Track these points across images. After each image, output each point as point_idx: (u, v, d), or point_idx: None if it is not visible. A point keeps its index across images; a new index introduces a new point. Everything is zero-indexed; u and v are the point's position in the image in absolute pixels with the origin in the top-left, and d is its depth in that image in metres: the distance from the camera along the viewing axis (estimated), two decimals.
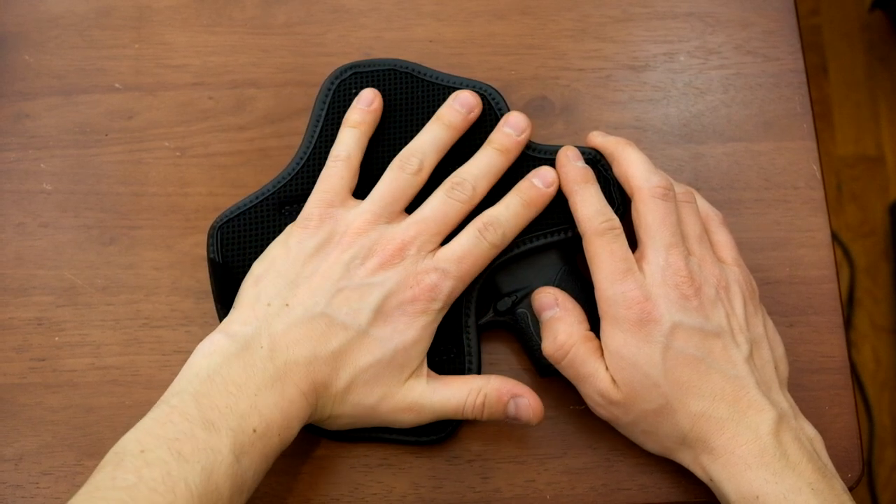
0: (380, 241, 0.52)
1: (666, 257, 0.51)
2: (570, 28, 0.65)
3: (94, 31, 0.65)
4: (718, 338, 0.50)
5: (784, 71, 0.63)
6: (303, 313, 0.50)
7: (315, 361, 0.49)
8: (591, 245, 0.53)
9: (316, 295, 0.51)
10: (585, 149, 0.56)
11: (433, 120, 0.56)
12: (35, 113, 0.63)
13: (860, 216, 1.47)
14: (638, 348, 0.50)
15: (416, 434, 0.54)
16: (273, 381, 0.48)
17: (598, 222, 0.52)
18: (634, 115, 0.63)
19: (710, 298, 0.51)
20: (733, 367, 0.50)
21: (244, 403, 0.47)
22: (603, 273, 0.52)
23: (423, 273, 0.51)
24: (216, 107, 0.63)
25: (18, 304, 0.59)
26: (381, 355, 0.50)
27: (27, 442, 0.56)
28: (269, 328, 0.50)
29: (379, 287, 0.51)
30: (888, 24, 1.55)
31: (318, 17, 0.65)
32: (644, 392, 0.50)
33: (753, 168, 0.61)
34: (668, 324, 0.50)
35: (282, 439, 0.48)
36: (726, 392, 0.49)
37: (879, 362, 1.40)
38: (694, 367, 0.50)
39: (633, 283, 0.51)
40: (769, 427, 0.48)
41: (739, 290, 0.53)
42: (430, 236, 0.52)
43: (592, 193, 0.54)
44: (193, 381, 0.47)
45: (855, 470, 0.55)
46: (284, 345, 0.49)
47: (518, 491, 0.55)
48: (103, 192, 0.61)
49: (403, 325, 0.51)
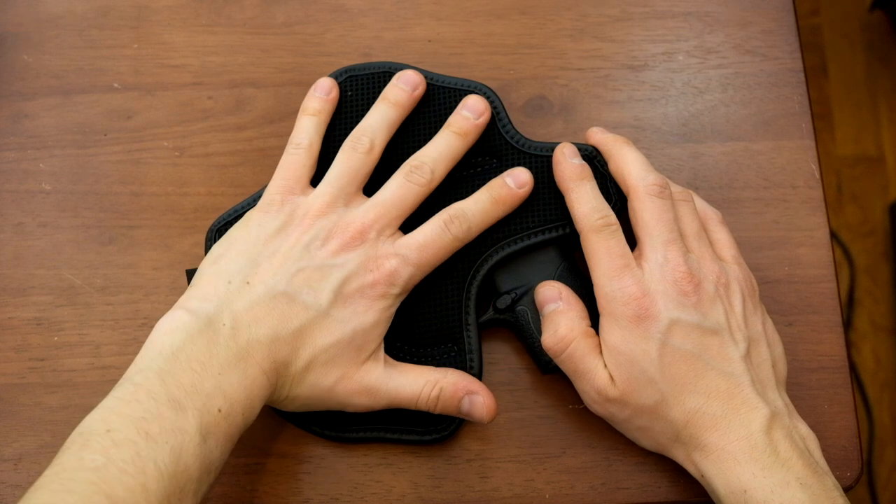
0: (339, 223, 0.52)
1: (664, 254, 0.51)
2: (568, 28, 0.65)
3: (93, 31, 0.65)
4: (716, 335, 0.50)
5: (783, 70, 0.63)
6: (264, 292, 0.50)
7: (277, 341, 0.49)
8: (588, 242, 0.53)
9: (277, 274, 0.51)
10: (582, 145, 0.57)
11: (379, 100, 0.57)
12: (34, 113, 0.63)
13: (860, 216, 1.47)
14: (635, 344, 0.50)
15: (419, 433, 0.54)
16: (236, 360, 0.48)
17: (595, 219, 0.53)
18: (633, 115, 0.63)
19: (708, 295, 0.51)
20: (729, 364, 0.50)
21: (208, 383, 0.46)
22: (601, 269, 0.52)
23: (384, 258, 0.52)
24: (215, 107, 0.63)
25: (17, 303, 0.59)
26: (340, 336, 0.50)
27: (26, 442, 0.56)
28: (230, 306, 0.49)
29: (339, 269, 0.51)
30: (888, 24, 1.55)
31: (317, 16, 0.65)
32: (640, 388, 0.50)
33: (752, 167, 0.61)
34: (665, 320, 0.50)
35: (245, 419, 0.48)
36: (721, 389, 0.49)
37: (879, 362, 1.40)
38: (690, 364, 0.50)
39: (630, 280, 0.51)
40: (761, 424, 0.48)
41: (739, 287, 0.53)
42: (389, 220, 0.53)
43: (588, 190, 0.54)
44: (157, 358, 0.47)
45: (854, 469, 0.55)
46: (246, 323, 0.49)
47: (517, 490, 0.55)
48: (102, 191, 0.61)
49: (363, 307, 0.51)
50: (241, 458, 0.55)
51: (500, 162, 0.57)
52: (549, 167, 0.56)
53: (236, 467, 0.55)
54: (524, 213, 0.56)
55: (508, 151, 0.57)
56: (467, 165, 0.57)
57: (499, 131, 0.57)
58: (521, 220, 0.55)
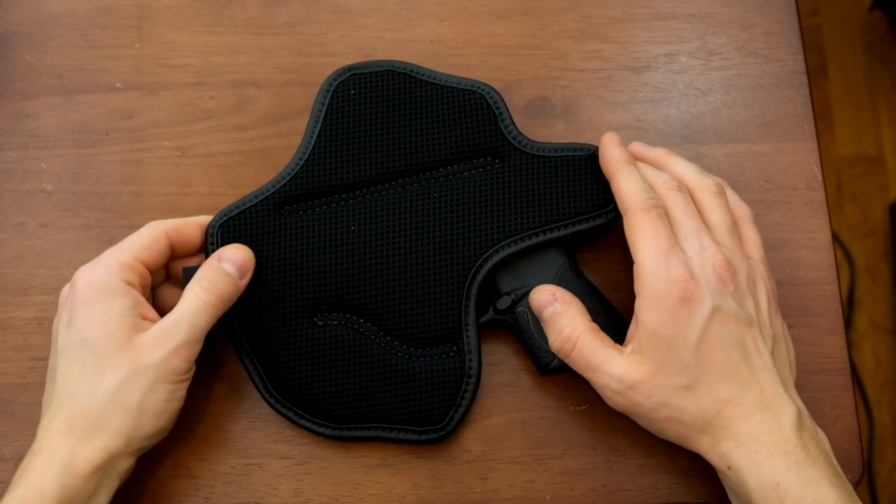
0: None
1: (700, 241, 0.51)
2: (571, 29, 0.65)
3: (95, 31, 0.65)
4: (750, 327, 0.50)
5: (785, 72, 0.63)
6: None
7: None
8: (635, 220, 0.52)
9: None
10: (584, 145, 0.56)
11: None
12: (36, 112, 0.63)
13: (860, 216, 1.47)
14: (675, 328, 0.49)
15: (416, 433, 0.55)
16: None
17: (644, 198, 0.52)
18: (635, 116, 0.62)
19: (742, 287, 0.51)
20: (761, 358, 0.50)
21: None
22: (647, 248, 0.51)
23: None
24: (217, 107, 0.63)
25: (18, 303, 0.59)
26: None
27: (27, 442, 0.56)
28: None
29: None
30: (888, 24, 1.55)
31: (319, 17, 0.65)
32: (673, 371, 0.50)
33: (754, 169, 0.61)
34: (709, 305, 0.49)
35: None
36: (755, 381, 0.49)
37: (879, 362, 1.40)
38: (728, 353, 0.49)
39: (678, 261, 0.50)
40: (792, 420, 0.48)
41: (765, 287, 0.53)
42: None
43: (636, 173, 0.54)
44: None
45: (855, 472, 0.55)
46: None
47: (518, 492, 0.55)
48: (104, 191, 0.61)
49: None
50: (242, 460, 0.56)
51: (502, 162, 0.57)
52: (550, 168, 0.56)
53: (237, 469, 0.55)
54: (525, 213, 0.55)
55: (510, 152, 0.57)
56: (469, 166, 0.57)
57: (501, 131, 0.57)
58: (521, 221, 0.55)
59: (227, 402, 0.57)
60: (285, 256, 0.56)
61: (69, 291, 0.52)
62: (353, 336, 0.55)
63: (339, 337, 0.55)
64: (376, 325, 0.55)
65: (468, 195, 0.56)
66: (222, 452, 0.56)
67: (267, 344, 0.55)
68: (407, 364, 0.54)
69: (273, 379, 0.55)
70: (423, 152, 0.57)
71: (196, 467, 0.55)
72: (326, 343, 0.55)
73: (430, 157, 0.57)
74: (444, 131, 0.57)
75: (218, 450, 0.56)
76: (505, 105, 0.58)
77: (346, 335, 0.55)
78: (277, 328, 0.55)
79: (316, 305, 0.55)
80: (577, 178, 0.56)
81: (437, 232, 0.56)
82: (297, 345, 0.55)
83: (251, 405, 0.56)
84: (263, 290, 0.55)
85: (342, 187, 0.57)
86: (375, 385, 0.55)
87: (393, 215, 0.56)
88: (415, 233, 0.56)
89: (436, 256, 0.55)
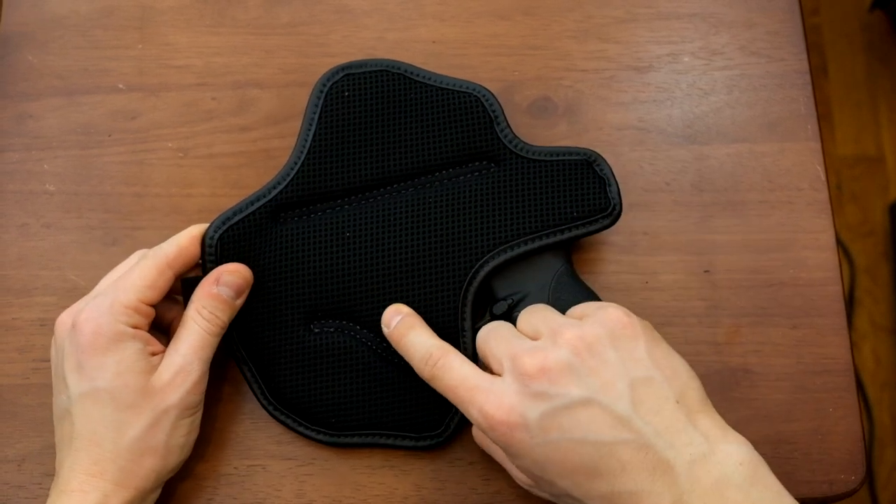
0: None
1: (511, 359, 0.48)
2: (573, 29, 0.65)
3: (98, 32, 0.65)
4: (587, 406, 0.45)
5: (788, 72, 0.63)
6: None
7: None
8: (434, 382, 0.51)
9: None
10: (581, 149, 0.56)
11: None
12: (38, 113, 0.63)
13: (860, 216, 1.47)
14: (524, 459, 0.47)
15: (413, 439, 0.55)
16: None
17: (428, 363, 0.51)
18: (638, 116, 0.62)
19: (560, 370, 0.46)
20: (619, 431, 0.45)
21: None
22: (454, 396, 0.50)
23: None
24: (219, 107, 0.63)
25: (21, 304, 0.59)
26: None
27: (30, 443, 0.56)
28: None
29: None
30: (888, 24, 1.55)
31: (321, 17, 0.65)
32: (549, 488, 0.48)
33: (757, 169, 0.61)
34: (533, 422, 0.46)
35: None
36: (625, 462, 0.44)
37: (879, 362, 1.40)
38: (578, 451, 0.45)
39: (483, 398, 0.48)
40: (685, 482, 0.43)
41: (603, 338, 0.47)
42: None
43: (418, 335, 0.53)
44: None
45: (858, 473, 0.55)
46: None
47: (519, 493, 0.55)
48: (106, 192, 0.61)
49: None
50: (245, 461, 0.55)
51: (497, 166, 0.57)
52: (547, 172, 0.56)
53: (240, 470, 0.55)
54: (521, 218, 0.55)
55: (506, 156, 0.57)
56: (465, 170, 0.57)
57: (496, 135, 0.57)
58: (518, 226, 0.55)
59: (231, 403, 0.57)
60: (281, 264, 0.55)
61: (72, 335, 0.51)
62: (349, 343, 0.55)
63: (336, 344, 0.55)
64: (372, 331, 0.55)
65: (464, 200, 0.56)
66: (225, 454, 0.56)
67: (264, 351, 0.55)
68: (403, 371, 0.54)
69: (270, 386, 0.55)
70: (418, 156, 0.57)
71: (199, 468, 0.55)
72: (323, 350, 0.55)
73: (425, 162, 0.57)
74: (439, 135, 0.57)
75: (221, 451, 0.56)
76: (500, 107, 0.57)
77: (342, 342, 0.55)
78: (274, 335, 0.55)
79: (312, 312, 0.55)
80: (574, 182, 0.56)
81: (433, 237, 0.55)
82: (293, 352, 0.55)
83: (254, 406, 0.56)
84: (260, 298, 0.55)
85: (338, 192, 0.56)
86: (372, 392, 0.55)
87: (388, 221, 0.56)
88: (410, 238, 0.56)
89: (432, 262, 0.55)
